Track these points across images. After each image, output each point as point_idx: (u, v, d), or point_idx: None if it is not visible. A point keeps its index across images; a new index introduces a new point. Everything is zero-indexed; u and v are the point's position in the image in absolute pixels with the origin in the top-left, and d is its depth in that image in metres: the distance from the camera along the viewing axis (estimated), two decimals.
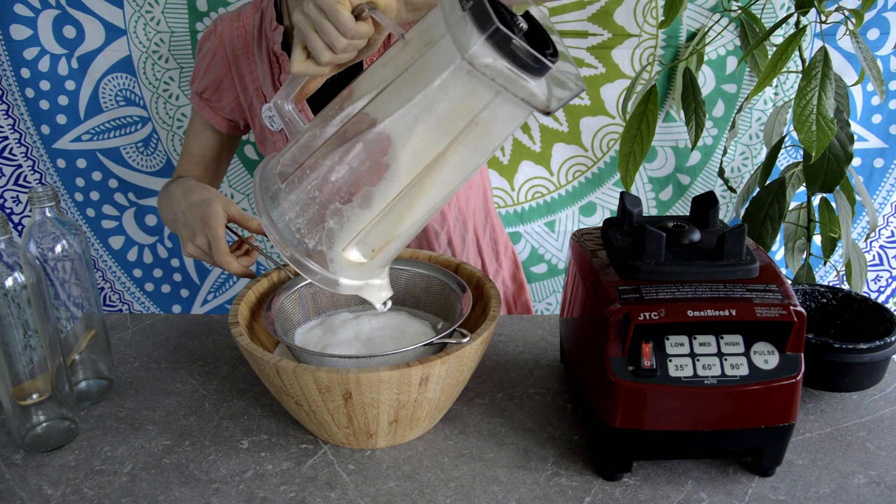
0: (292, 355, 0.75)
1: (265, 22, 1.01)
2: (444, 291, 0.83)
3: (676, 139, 1.43)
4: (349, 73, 0.99)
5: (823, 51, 1.11)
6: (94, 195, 1.49)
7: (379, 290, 0.68)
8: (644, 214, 0.74)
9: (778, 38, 1.30)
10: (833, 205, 1.30)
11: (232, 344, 0.92)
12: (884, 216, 1.47)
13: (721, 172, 1.40)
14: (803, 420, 0.76)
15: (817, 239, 1.38)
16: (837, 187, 1.21)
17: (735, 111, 1.39)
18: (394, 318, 0.82)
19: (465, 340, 0.68)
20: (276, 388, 0.69)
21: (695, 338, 0.63)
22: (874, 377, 0.77)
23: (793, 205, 1.37)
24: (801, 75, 1.23)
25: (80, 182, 1.48)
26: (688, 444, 0.66)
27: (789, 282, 0.75)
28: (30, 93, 1.40)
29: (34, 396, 0.72)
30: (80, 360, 0.81)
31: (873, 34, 1.34)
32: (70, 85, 1.40)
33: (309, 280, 0.83)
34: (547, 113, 0.54)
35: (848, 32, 1.16)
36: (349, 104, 0.62)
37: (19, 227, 1.53)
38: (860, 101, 1.39)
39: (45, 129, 1.43)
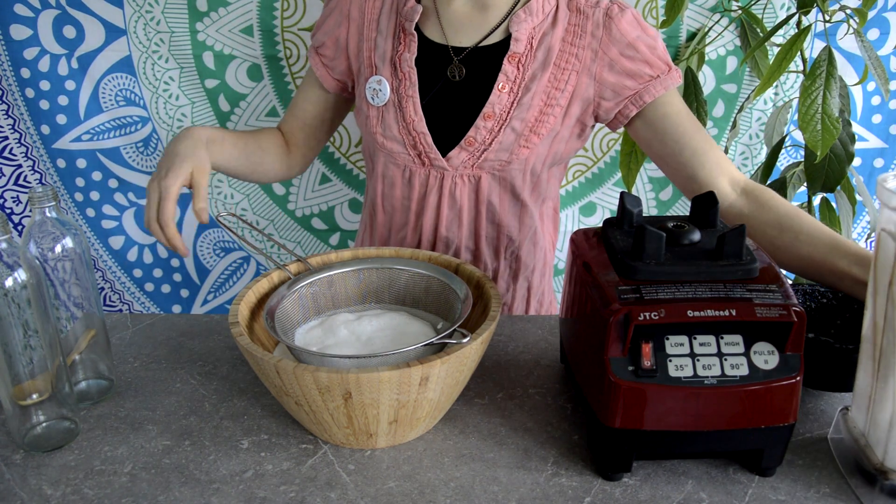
0: (292, 355, 0.75)
1: None
2: (444, 291, 0.83)
3: None
4: (474, 87, 0.98)
5: (828, 50, 1.10)
6: (94, 195, 1.49)
7: None
8: (644, 214, 0.74)
9: (778, 38, 1.30)
10: (834, 205, 1.30)
11: (232, 344, 0.92)
12: None
13: None
14: (803, 420, 0.76)
15: None
16: (838, 187, 1.21)
17: (736, 111, 1.39)
18: (394, 318, 0.82)
19: (465, 340, 0.68)
20: (276, 388, 0.69)
21: (695, 338, 0.63)
22: None
23: (794, 205, 1.36)
24: (801, 75, 1.23)
25: (80, 182, 1.48)
26: (688, 444, 0.66)
27: (789, 282, 0.75)
28: (30, 93, 1.40)
29: (34, 396, 0.72)
30: (80, 360, 0.81)
31: (873, 34, 1.33)
32: (70, 85, 1.40)
33: (310, 281, 0.84)
34: None
35: (851, 31, 1.16)
36: None
37: (19, 227, 1.53)
38: (860, 101, 1.39)
39: (45, 129, 1.43)
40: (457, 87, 0.98)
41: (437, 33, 0.99)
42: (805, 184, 1.27)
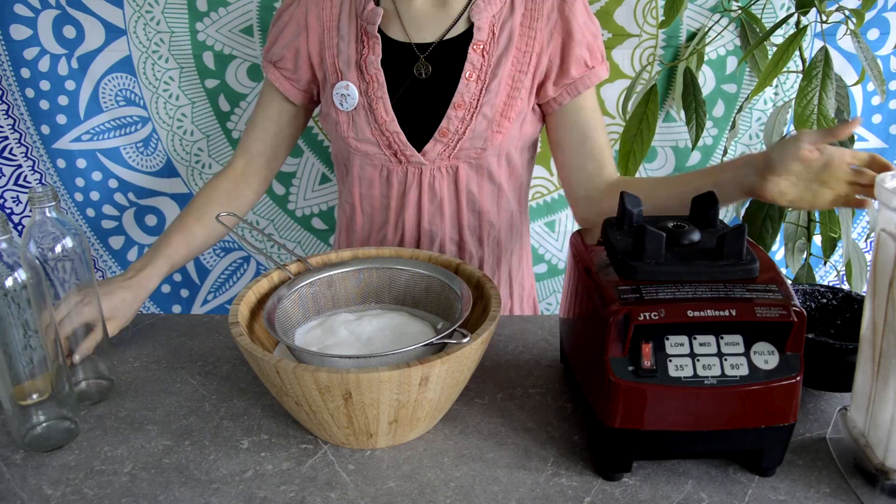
0: (292, 355, 0.75)
1: (356, 2, 1.00)
2: (444, 291, 0.83)
3: (676, 139, 1.43)
4: (438, 84, 0.99)
5: (824, 51, 1.10)
6: (94, 195, 1.49)
7: None
8: (644, 214, 0.74)
9: (778, 38, 1.30)
10: None
11: (232, 344, 0.92)
12: None
13: None
14: (803, 420, 0.76)
15: (817, 239, 1.38)
16: None
17: (735, 111, 1.39)
18: (394, 318, 0.82)
19: (465, 340, 0.68)
20: (276, 388, 0.69)
21: (695, 338, 0.63)
22: None
23: None
24: (801, 75, 1.23)
25: (80, 182, 1.48)
26: (688, 444, 0.66)
27: (789, 282, 0.75)
28: (30, 93, 1.40)
29: (34, 396, 0.72)
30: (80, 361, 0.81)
31: (873, 34, 1.33)
32: (70, 85, 1.40)
33: (310, 281, 0.84)
34: None
35: (849, 32, 1.16)
36: None
37: (19, 227, 1.53)
38: (860, 101, 1.39)
39: (45, 129, 1.43)
40: (424, 83, 1.00)
41: (399, 32, 1.00)
42: None
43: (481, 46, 0.98)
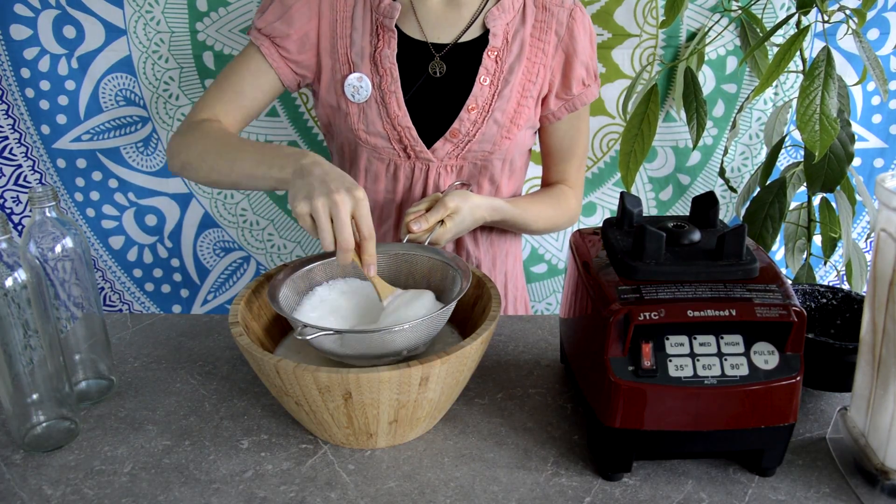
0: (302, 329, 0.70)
1: None
2: (443, 272, 0.83)
3: (676, 139, 1.43)
4: (457, 80, 1.01)
5: (826, 51, 1.10)
6: (94, 195, 1.49)
7: None
8: (644, 214, 0.75)
9: (778, 38, 1.30)
10: (833, 205, 1.30)
11: (232, 344, 0.92)
12: None
13: (722, 172, 1.40)
14: (803, 420, 0.76)
15: (818, 239, 1.37)
16: (838, 187, 1.21)
17: (735, 111, 1.39)
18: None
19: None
20: (276, 388, 0.69)
21: (695, 338, 0.63)
22: None
23: (793, 205, 1.37)
24: (801, 75, 1.23)
25: (80, 182, 1.48)
26: (688, 444, 0.66)
27: (789, 282, 0.75)
28: (30, 93, 1.40)
29: (34, 396, 0.72)
30: (79, 361, 0.81)
31: (873, 34, 1.33)
32: (70, 85, 1.40)
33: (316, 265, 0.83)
34: None
35: (850, 32, 1.16)
36: None
37: (19, 227, 1.53)
38: (860, 101, 1.39)
39: (45, 129, 1.43)
40: (438, 81, 1.01)
41: (415, 30, 1.01)
42: (805, 184, 1.27)
43: (495, 53, 1.00)
